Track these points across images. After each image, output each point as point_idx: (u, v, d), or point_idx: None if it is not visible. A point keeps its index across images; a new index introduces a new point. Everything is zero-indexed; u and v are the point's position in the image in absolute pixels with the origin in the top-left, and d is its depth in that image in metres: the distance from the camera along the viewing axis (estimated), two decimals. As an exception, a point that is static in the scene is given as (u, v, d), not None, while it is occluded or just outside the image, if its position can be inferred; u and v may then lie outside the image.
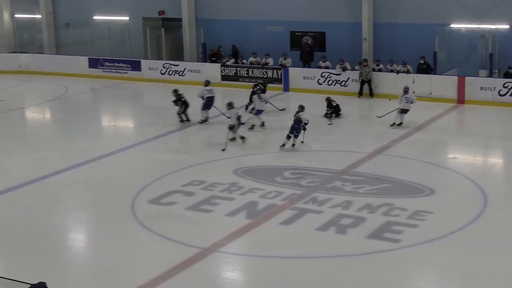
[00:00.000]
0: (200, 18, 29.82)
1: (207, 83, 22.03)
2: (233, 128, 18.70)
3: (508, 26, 24.41)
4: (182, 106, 21.26)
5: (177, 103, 21.31)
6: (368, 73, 24.55)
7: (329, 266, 11.85)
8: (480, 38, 24.91)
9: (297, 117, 18.53)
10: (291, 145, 18.46)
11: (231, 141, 18.84)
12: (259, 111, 20.78)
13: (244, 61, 27.37)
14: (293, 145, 18.52)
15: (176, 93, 21.42)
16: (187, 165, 17.44)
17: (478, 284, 11.19)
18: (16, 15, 34.26)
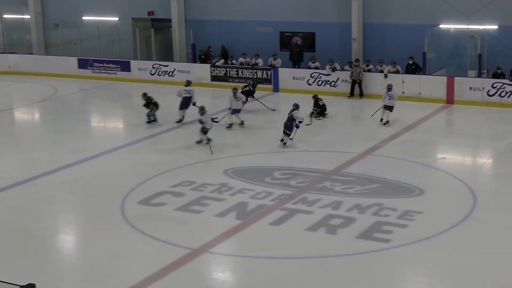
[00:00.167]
0: (190, 18, 29.80)
1: (188, 83, 22.33)
2: (207, 131, 18.73)
3: (497, 27, 24.51)
4: (154, 107, 21.55)
5: (148, 106, 21.51)
6: (359, 73, 24.59)
7: (319, 267, 11.85)
8: (469, 38, 25.01)
9: (290, 115, 18.62)
10: (282, 144, 18.53)
11: (197, 143, 18.94)
12: (235, 110, 20.87)
13: (234, 61, 27.33)
14: (284, 143, 18.58)
15: (145, 96, 21.61)
16: (176, 166, 17.42)
17: (467, 283, 11.23)
18: (4, 16, 34.15)
